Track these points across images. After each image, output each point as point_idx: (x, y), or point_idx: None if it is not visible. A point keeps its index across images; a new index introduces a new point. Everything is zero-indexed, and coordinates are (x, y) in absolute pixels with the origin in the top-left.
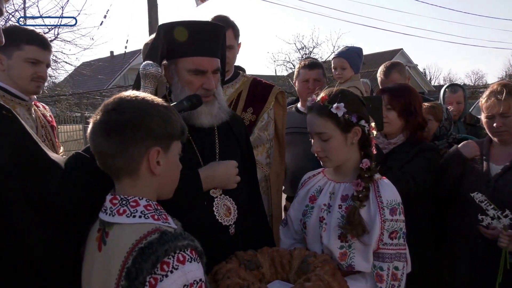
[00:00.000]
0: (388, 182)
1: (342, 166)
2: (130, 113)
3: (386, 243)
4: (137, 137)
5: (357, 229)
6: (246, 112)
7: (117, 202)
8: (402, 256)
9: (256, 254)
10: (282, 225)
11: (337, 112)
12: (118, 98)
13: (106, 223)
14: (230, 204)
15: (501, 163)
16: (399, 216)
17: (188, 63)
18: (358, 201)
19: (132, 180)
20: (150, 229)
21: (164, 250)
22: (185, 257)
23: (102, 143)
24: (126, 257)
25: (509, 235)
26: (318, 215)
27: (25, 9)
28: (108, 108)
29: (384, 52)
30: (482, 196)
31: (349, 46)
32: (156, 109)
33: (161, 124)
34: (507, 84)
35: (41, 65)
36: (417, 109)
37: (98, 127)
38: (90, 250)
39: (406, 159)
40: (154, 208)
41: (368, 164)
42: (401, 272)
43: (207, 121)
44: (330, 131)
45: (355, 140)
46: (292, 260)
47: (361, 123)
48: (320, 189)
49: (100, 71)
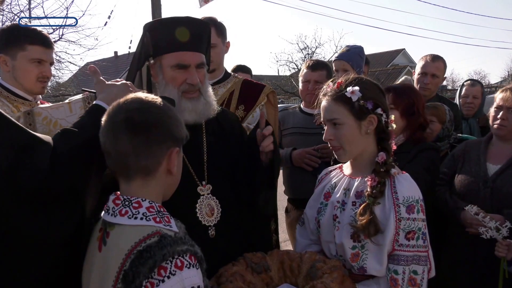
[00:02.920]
0: (407, 177)
1: (358, 159)
2: (155, 114)
3: (402, 244)
4: (161, 138)
5: (369, 228)
6: (237, 109)
7: (119, 202)
8: (422, 259)
9: (265, 256)
10: (300, 224)
11: (352, 97)
12: (139, 98)
13: (108, 223)
14: (215, 205)
15: (498, 163)
16: (417, 214)
17: (171, 59)
18: (372, 197)
19: (146, 181)
20: (150, 232)
21: (162, 255)
22: (183, 263)
23: (125, 142)
24: (124, 259)
25: (507, 244)
26: (331, 213)
27: (30, 10)
28: (130, 107)
29: (386, 52)
30: (475, 208)
31: (350, 46)
32: (173, 112)
33: (178, 126)
34: None
35: (45, 64)
36: (420, 110)
37: (120, 126)
38: (91, 250)
39: (407, 159)
40: (157, 210)
41: (384, 158)
42: (421, 276)
43: (191, 118)
44: (343, 117)
45: (371, 129)
46: (302, 264)
47: (378, 111)
48: (335, 185)
49: (104, 71)
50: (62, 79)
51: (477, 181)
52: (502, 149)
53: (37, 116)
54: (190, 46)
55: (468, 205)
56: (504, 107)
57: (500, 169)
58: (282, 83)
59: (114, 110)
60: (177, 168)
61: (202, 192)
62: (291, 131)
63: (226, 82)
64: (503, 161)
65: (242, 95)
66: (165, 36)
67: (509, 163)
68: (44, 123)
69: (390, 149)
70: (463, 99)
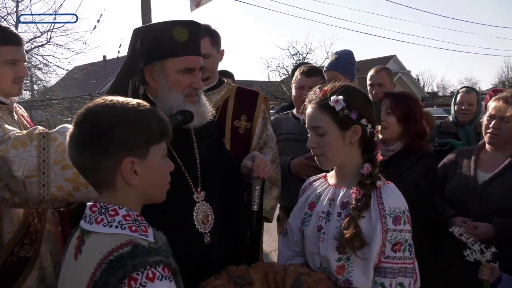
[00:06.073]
0: (393, 188)
1: (343, 169)
2: (98, 125)
3: (388, 256)
4: (108, 150)
5: (354, 242)
6: (240, 120)
7: (96, 210)
8: (408, 271)
9: (248, 269)
10: (282, 234)
11: (335, 106)
12: (87, 108)
13: (84, 231)
14: (209, 212)
15: (489, 171)
16: (403, 225)
17: (177, 63)
18: (356, 210)
19: (111, 193)
20: (124, 241)
21: (133, 265)
22: (155, 274)
23: (77, 158)
24: (95, 268)
25: (491, 268)
26: (316, 223)
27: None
28: (77, 120)
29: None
30: (460, 230)
31: (339, 53)
32: (126, 117)
33: (133, 132)
34: None
35: (20, 63)
36: (417, 118)
37: (71, 142)
38: (67, 257)
39: (406, 167)
40: (134, 218)
41: (369, 169)
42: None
43: (197, 121)
44: (327, 126)
45: (354, 139)
46: (286, 277)
47: (362, 122)
48: (319, 195)
49: (92, 75)
50: (50, 83)
51: (467, 189)
52: (494, 158)
53: (53, 142)
54: (194, 50)
55: (453, 226)
56: (496, 116)
57: (490, 178)
58: (272, 88)
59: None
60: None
61: (198, 199)
62: (284, 137)
63: (220, 89)
64: (494, 170)
65: (239, 103)
66: (168, 40)
67: (499, 172)
68: (58, 150)
69: (376, 160)
70: (458, 106)
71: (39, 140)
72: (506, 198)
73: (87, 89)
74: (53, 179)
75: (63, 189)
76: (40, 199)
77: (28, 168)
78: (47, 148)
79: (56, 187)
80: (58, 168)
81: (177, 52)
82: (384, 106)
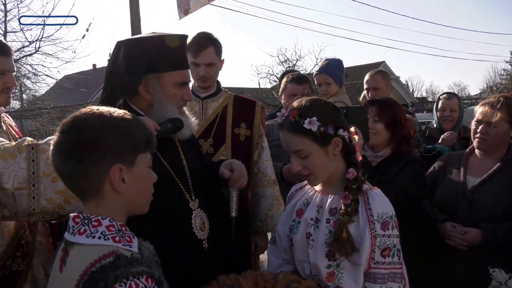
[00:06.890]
0: (379, 193)
1: (329, 177)
2: (86, 132)
3: (378, 261)
4: (96, 157)
5: (345, 247)
6: (239, 127)
7: (79, 220)
8: (398, 276)
9: (238, 278)
10: (271, 242)
11: (311, 128)
12: (74, 116)
13: (68, 242)
14: (205, 218)
15: (478, 176)
16: (392, 230)
17: (175, 77)
18: (346, 215)
19: (97, 201)
20: (106, 252)
21: (115, 276)
22: (138, 285)
23: (61, 166)
24: (78, 280)
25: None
26: (305, 230)
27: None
28: (64, 128)
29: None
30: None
31: (329, 59)
32: (114, 124)
33: (121, 139)
34: (508, 97)
35: (8, 74)
36: (402, 122)
37: (55, 150)
38: (53, 270)
39: (394, 172)
40: (117, 229)
41: (355, 173)
42: None
43: (188, 132)
44: (308, 148)
45: (337, 151)
46: (276, 285)
47: (339, 133)
48: (307, 202)
49: (83, 84)
50: (39, 92)
51: (456, 194)
52: (483, 163)
53: (42, 154)
54: (187, 64)
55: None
56: (483, 121)
57: (479, 183)
58: (263, 95)
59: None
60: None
61: (193, 206)
62: (276, 143)
63: (218, 97)
64: (484, 175)
65: (238, 111)
66: (164, 53)
67: (488, 176)
68: (48, 162)
69: (358, 162)
70: (440, 112)
71: (28, 152)
72: (495, 203)
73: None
74: (43, 191)
75: (53, 201)
76: (30, 211)
77: (18, 180)
78: (37, 160)
79: (47, 199)
80: (48, 180)
81: (175, 66)
82: (371, 114)
